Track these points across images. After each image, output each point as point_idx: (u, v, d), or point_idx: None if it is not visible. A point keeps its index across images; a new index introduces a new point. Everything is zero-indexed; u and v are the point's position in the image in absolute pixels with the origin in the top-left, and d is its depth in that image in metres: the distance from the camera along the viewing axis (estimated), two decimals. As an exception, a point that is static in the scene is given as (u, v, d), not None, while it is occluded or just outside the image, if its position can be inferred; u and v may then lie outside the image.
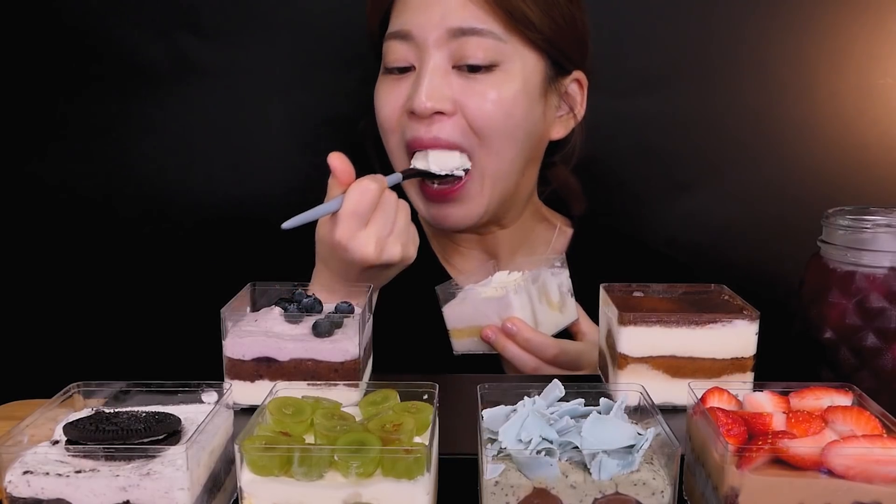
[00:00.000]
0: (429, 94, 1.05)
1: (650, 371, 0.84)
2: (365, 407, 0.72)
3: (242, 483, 0.62)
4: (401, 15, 1.09)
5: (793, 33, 1.35)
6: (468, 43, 1.05)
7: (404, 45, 1.09)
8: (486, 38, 1.06)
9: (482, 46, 1.06)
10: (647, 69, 1.38)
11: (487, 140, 1.08)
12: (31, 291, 1.45)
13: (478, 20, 1.05)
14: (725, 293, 0.92)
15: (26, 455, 0.64)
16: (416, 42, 1.07)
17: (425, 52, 1.07)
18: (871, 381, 0.88)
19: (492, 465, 0.63)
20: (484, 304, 1.04)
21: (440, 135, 1.07)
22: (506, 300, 1.02)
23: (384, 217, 0.96)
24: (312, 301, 0.88)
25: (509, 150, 1.10)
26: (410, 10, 1.08)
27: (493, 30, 1.06)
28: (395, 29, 1.10)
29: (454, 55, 1.06)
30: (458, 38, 1.05)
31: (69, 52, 1.38)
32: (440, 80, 1.06)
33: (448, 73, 1.07)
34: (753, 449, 0.62)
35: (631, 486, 0.61)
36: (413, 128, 1.09)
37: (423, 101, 1.05)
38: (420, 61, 1.08)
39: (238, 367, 0.84)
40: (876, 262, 0.88)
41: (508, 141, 1.10)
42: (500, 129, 1.08)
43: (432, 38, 1.06)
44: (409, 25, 1.07)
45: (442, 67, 1.07)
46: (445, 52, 1.06)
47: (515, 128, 1.10)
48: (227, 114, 1.39)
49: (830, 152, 1.38)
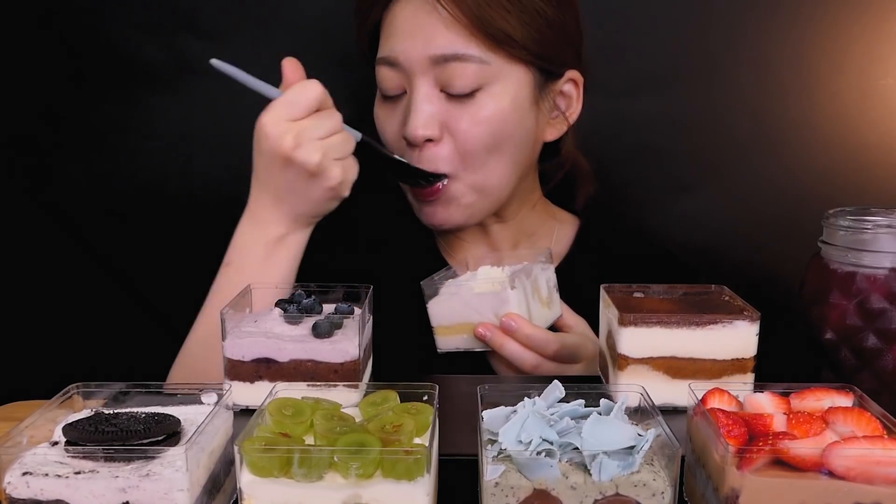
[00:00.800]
0: (419, 123, 1.06)
1: (650, 372, 0.83)
2: (365, 408, 0.72)
3: (242, 484, 0.62)
4: (387, 40, 1.09)
5: (793, 34, 1.35)
6: (452, 69, 1.05)
7: (393, 71, 1.09)
8: (470, 63, 1.05)
9: (466, 72, 1.05)
10: (648, 70, 1.38)
11: (473, 159, 1.09)
12: (30, 291, 1.45)
13: (460, 45, 1.04)
14: (726, 294, 0.91)
15: (25, 456, 0.64)
16: (404, 68, 1.07)
17: (413, 79, 1.07)
18: (871, 382, 0.88)
19: (492, 466, 0.63)
20: (477, 299, 1.02)
21: (430, 166, 1.08)
22: (503, 296, 1.00)
23: (317, 121, 0.98)
24: (312, 302, 0.87)
25: (497, 166, 1.11)
26: (395, 35, 1.08)
27: (476, 53, 1.05)
28: (383, 55, 1.10)
29: (439, 80, 1.06)
30: (442, 65, 1.05)
31: (67, 52, 1.37)
32: (429, 107, 1.07)
33: (436, 99, 1.07)
34: (754, 450, 0.61)
35: (631, 488, 0.61)
36: (409, 153, 1.10)
37: (416, 130, 1.06)
38: (410, 87, 1.08)
39: (237, 367, 0.84)
40: (877, 263, 0.88)
41: (496, 157, 1.10)
42: (488, 149, 1.09)
43: (418, 65, 1.06)
44: (395, 52, 1.07)
45: (430, 93, 1.07)
46: (431, 77, 1.06)
47: (505, 144, 1.10)
48: (226, 114, 1.38)
49: (831, 153, 1.38)
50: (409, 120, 1.07)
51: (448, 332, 1.05)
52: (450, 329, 1.05)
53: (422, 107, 1.06)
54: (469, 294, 1.03)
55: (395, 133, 1.12)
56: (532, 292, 1.04)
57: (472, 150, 1.08)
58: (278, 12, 1.36)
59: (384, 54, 1.09)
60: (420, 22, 1.05)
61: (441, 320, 1.05)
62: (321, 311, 0.88)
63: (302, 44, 1.37)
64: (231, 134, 1.40)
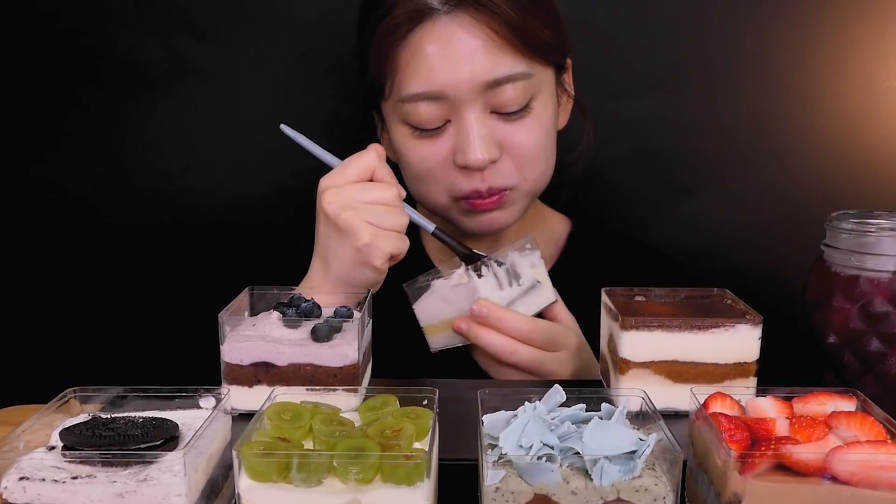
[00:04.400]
0: (481, 148, 1.05)
1: (652, 376, 0.83)
2: (364, 412, 0.72)
3: (240, 489, 0.62)
4: (421, 73, 1.05)
5: (796, 36, 1.35)
6: (503, 91, 1.05)
7: (434, 104, 1.06)
8: (520, 81, 1.05)
9: (517, 91, 1.06)
10: (649, 72, 1.38)
11: (533, 167, 1.11)
12: (27, 295, 1.44)
13: (508, 66, 1.04)
14: (728, 297, 0.91)
15: (22, 461, 0.64)
16: (450, 99, 1.05)
17: (462, 107, 1.06)
18: (875, 387, 0.87)
19: (492, 470, 0.62)
20: (451, 292, 1.03)
21: (493, 184, 1.09)
22: (472, 285, 1.02)
23: (363, 188, 0.98)
24: (311, 305, 0.87)
25: (548, 167, 1.15)
26: (434, 68, 1.04)
27: (524, 69, 1.05)
28: (420, 90, 1.06)
29: (490, 103, 1.06)
30: (494, 89, 1.05)
31: (65, 54, 1.37)
32: (486, 131, 1.06)
33: (489, 121, 1.07)
34: (756, 455, 0.61)
35: (633, 493, 0.61)
36: (465, 179, 1.09)
37: (478, 154, 1.05)
38: (457, 115, 1.07)
39: (236, 371, 0.83)
40: (880, 266, 0.87)
41: (549, 158, 1.14)
42: (545, 154, 1.12)
43: (467, 94, 1.05)
44: (438, 86, 1.04)
45: (483, 117, 1.07)
46: (482, 101, 1.06)
47: (553, 145, 1.14)
48: (225, 116, 1.38)
49: (834, 155, 1.38)
50: (467, 148, 1.06)
51: (435, 331, 1.07)
52: (436, 327, 1.07)
53: (479, 132, 1.06)
54: (444, 289, 1.04)
55: (439, 164, 1.10)
56: (509, 279, 1.04)
57: (532, 159, 1.10)
58: (277, 15, 1.36)
59: (421, 90, 1.05)
60: (460, 49, 1.03)
61: (427, 319, 1.07)
62: (320, 314, 0.88)
63: (300, 46, 1.37)
64: (230, 136, 1.41)
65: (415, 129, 1.10)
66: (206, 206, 1.40)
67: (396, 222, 0.98)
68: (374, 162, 0.99)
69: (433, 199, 1.14)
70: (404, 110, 1.08)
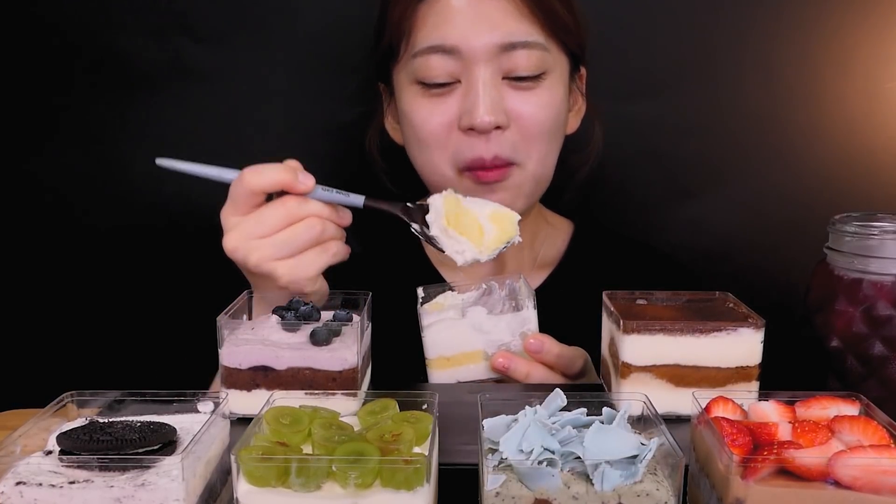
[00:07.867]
0: (488, 110, 1.05)
1: (654, 380, 0.83)
2: (364, 416, 0.72)
3: (239, 494, 0.62)
4: (437, 28, 1.06)
5: (798, 37, 1.35)
6: (518, 56, 1.05)
7: (447, 59, 1.06)
8: (535, 50, 1.06)
9: (532, 59, 1.06)
10: (652, 74, 1.38)
11: (537, 145, 1.10)
12: (25, 299, 1.44)
13: (525, 33, 1.05)
14: (730, 301, 0.91)
15: (19, 465, 0.63)
16: (463, 56, 1.06)
17: (474, 66, 1.06)
18: (878, 391, 0.87)
19: (492, 475, 0.62)
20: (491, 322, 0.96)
21: (500, 153, 1.07)
22: (523, 315, 0.96)
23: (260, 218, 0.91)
24: (310, 309, 0.87)
25: (552, 155, 1.14)
26: (450, 22, 1.06)
27: (540, 40, 1.06)
28: (434, 43, 1.06)
29: (503, 67, 1.06)
30: (508, 52, 1.05)
31: (64, 56, 1.37)
32: (495, 94, 1.06)
33: (499, 86, 1.07)
34: (759, 459, 0.61)
35: (634, 497, 0.61)
36: (469, 145, 1.08)
37: (484, 116, 1.04)
38: (468, 75, 1.07)
39: (234, 375, 0.83)
40: (883, 270, 0.87)
41: (552, 146, 1.13)
42: (550, 135, 1.11)
43: (481, 53, 1.05)
44: (452, 40, 1.05)
45: (493, 80, 1.06)
46: (495, 64, 1.06)
47: (558, 132, 1.13)
48: (224, 118, 1.38)
49: (837, 158, 1.38)
50: (474, 108, 1.05)
51: (445, 365, 0.98)
52: (451, 360, 0.98)
53: (488, 93, 1.05)
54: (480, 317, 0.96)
55: (443, 125, 1.09)
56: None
57: (536, 134, 1.09)
58: (275, 16, 1.36)
59: (436, 42, 1.06)
60: (482, 9, 1.05)
61: (443, 350, 0.98)
62: (319, 318, 0.87)
63: (299, 48, 1.37)
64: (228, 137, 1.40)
65: (424, 87, 1.09)
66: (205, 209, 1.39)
67: (310, 235, 0.92)
68: (253, 176, 0.91)
69: (439, 171, 1.12)
70: (415, 65, 1.08)
